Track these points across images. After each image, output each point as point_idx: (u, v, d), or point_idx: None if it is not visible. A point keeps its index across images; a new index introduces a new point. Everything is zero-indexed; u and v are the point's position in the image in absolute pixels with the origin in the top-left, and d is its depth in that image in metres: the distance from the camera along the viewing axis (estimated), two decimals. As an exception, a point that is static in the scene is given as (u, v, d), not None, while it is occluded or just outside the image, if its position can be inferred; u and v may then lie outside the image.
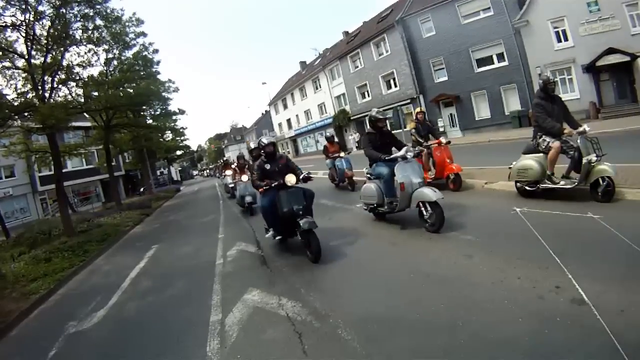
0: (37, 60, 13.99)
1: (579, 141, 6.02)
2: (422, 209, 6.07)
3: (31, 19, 13.05)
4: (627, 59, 19.30)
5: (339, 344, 3.37)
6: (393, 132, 8.58)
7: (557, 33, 21.93)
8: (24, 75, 14.00)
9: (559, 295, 3.37)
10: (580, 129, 6.07)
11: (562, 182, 6.28)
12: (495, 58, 25.27)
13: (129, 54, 20.02)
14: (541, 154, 6.48)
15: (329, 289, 4.66)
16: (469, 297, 3.64)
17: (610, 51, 19.65)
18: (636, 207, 5.34)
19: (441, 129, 27.19)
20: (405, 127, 30.69)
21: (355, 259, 5.62)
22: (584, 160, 5.87)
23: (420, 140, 9.42)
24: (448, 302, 3.66)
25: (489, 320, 3.19)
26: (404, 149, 6.53)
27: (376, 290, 4.31)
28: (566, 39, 21.62)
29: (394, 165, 6.43)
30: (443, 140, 9.12)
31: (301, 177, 6.25)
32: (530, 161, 6.58)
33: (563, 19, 21.40)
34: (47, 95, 14.00)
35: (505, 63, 24.63)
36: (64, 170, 18.99)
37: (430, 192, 5.83)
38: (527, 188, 6.76)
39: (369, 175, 7.21)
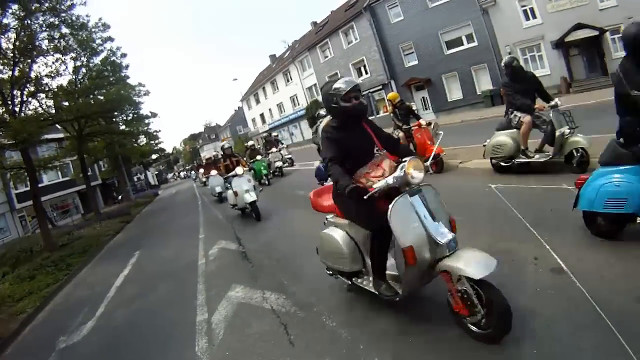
0: (5, 74, 13.62)
1: (551, 115, 6.12)
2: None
3: (-4, 33, 12.71)
4: (596, 33, 19.56)
5: (324, 332, 3.41)
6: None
7: (524, 11, 22.12)
8: (-8, 90, 13.60)
9: (538, 266, 3.46)
10: (552, 102, 6.15)
11: (536, 156, 6.41)
12: (464, 39, 25.39)
13: (97, 60, 19.74)
14: (514, 130, 6.59)
15: (312, 279, 4.66)
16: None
17: (579, 26, 19.89)
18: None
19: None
20: (378, 114, 30.86)
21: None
22: (557, 133, 5.99)
23: (399, 123, 9.31)
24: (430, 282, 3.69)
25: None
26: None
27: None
28: (534, 17, 21.83)
29: None
30: (423, 122, 8.97)
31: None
32: (504, 137, 6.70)
33: (530, -4, 21.58)
34: (17, 109, 13.69)
35: (475, 44, 24.75)
36: (40, 185, 18.61)
37: None
38: (502, 164, 6.89)
39: None
